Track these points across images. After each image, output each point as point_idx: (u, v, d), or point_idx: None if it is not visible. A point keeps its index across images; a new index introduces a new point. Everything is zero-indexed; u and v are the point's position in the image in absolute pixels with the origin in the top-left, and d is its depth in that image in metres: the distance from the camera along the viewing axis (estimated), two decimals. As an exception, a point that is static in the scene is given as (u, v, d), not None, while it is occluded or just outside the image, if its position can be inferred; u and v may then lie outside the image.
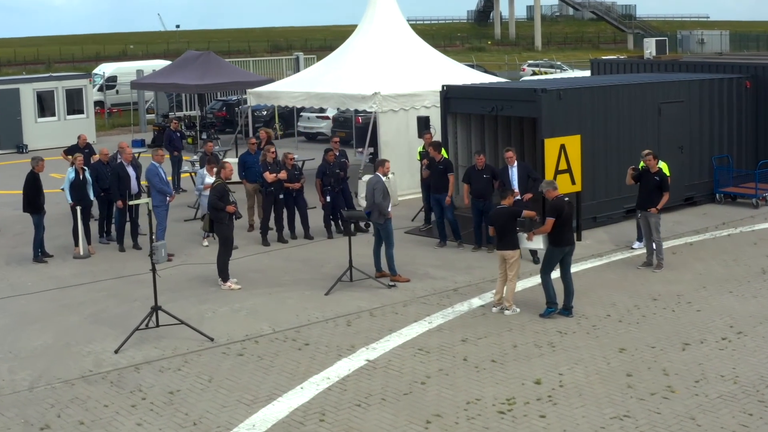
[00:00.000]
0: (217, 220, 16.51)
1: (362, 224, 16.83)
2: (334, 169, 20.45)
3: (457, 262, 18.54)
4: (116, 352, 13.58)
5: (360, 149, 32.40)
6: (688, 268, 17.87)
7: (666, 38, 28.00)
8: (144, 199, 14.27)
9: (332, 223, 20.79)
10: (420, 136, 22.24)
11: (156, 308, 14.04)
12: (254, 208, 21.59)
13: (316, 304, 15.87)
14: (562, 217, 14.77)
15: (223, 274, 16.79)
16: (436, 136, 21.58)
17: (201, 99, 36.80)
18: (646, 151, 18.81)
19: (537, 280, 16.94)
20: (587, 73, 41.75)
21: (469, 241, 19.61)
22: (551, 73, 61.94)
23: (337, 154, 20.97)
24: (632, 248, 19.30)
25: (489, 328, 14.55)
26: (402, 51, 26.84)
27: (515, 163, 18.36)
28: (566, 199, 15.12)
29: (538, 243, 15.06)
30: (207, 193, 19.61)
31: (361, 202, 22.71)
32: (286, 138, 37.34)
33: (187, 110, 41.75)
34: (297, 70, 47.24)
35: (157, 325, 14.12)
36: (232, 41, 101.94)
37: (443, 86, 21.53)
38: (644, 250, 18.78)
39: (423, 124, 22.07)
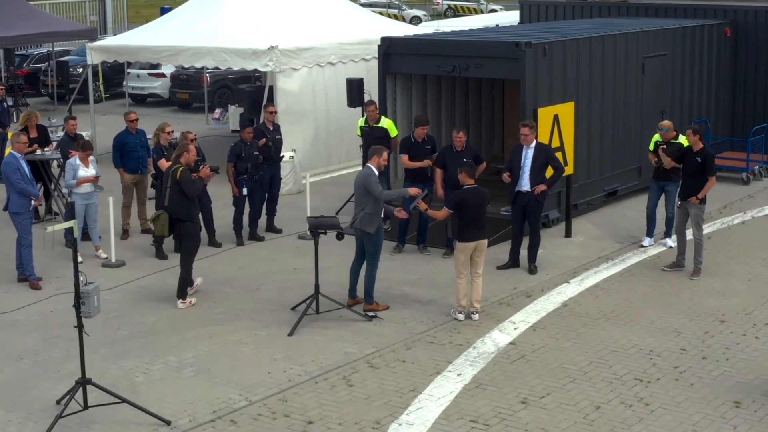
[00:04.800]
0: (188, 217, 14.12)
1: (333, 235, 13.86)
2: (251, 150, 17.32)
3: (434, 274, 15.88)
4: (34, 454, 10.20)
5: (216, 116, 29.29)
6: (729, 273, 15.94)
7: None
8: (68, 223, 10.81)
9: (242, 224, 17.70)
10: (352, 104, 19.39)
11: (84, 383, 10.70)
12: (131, 207, 18.17)
13: (286, 351, 12.86)
14: None
15: (183, 290, 14.48)
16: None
17: (8, 54, 32.41)
18: (666, 123, 16.69)
19: (558, 297, 14.53)
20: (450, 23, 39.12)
21: (433, 243, 16.97)
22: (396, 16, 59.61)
23: (271, 129, 17.92)
24: (642, 245, 17.14)
25: (544, 379, 11.98)
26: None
27: (533, 143, 15.70)
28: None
29: None
30: (81, 190, 16.24)
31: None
32: (113, 101, 33.49)
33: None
34: (103, 14, 43.36)
35: (85, 407, 10.78)
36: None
37: (383, 39, 18.69)
38: (660, 249, 16.77)
39: (356, 89, 19.22)
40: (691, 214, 15.75)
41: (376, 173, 13.93)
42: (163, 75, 33.50)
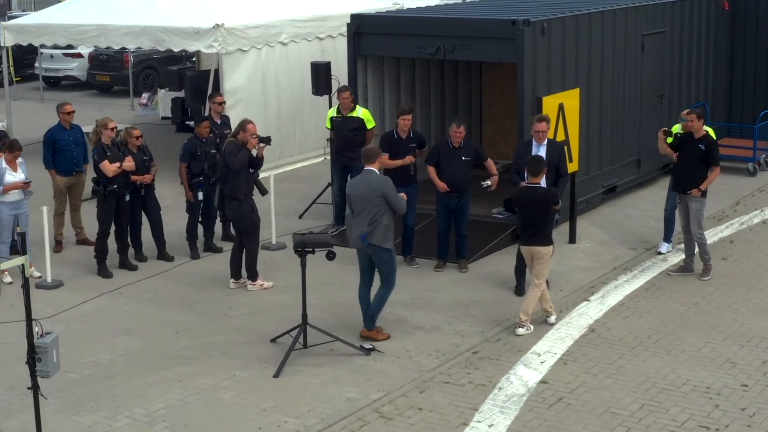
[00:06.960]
0: (233, 193, 13.92)
1: (326, 254, 12.07)
2: (208, 148, 15.55)
3: (430, 293, 14.27)
4: None
5: (143, 101, 27.38)
6: (765, 284, 14.44)
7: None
8: (18, 260, 8.91)
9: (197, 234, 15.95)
10: (319, 92, 17.69)
11: (41, 457, 8.89)
12: (64, 215, 16.26)
13: (275, 398, 11.12)
14: None
15: (252, 271, 14.20)
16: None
17: None
18: (687, 111, 15.25)
19: (582, 320, 13.01)
20: None
21: (424, 253, 15.37)
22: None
23: (219, 122, 16.12)
24: (660, 252, 15.72)
25: (593, 429, 10.43)
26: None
27: (545, 140, 14.15)
28: None
29: None
30: (8, 198, 14.35)
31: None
32: (24, 84, 31.33)
33: None
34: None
35: (42, 486, 8.97)
36: None
37: (353, 16, 16.96)
38: (681, 256, 15.35)
39: (323, 74, 17.48)
40: (692, 210, 14.47)
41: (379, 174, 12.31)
42: (80, 55, 31.48)
